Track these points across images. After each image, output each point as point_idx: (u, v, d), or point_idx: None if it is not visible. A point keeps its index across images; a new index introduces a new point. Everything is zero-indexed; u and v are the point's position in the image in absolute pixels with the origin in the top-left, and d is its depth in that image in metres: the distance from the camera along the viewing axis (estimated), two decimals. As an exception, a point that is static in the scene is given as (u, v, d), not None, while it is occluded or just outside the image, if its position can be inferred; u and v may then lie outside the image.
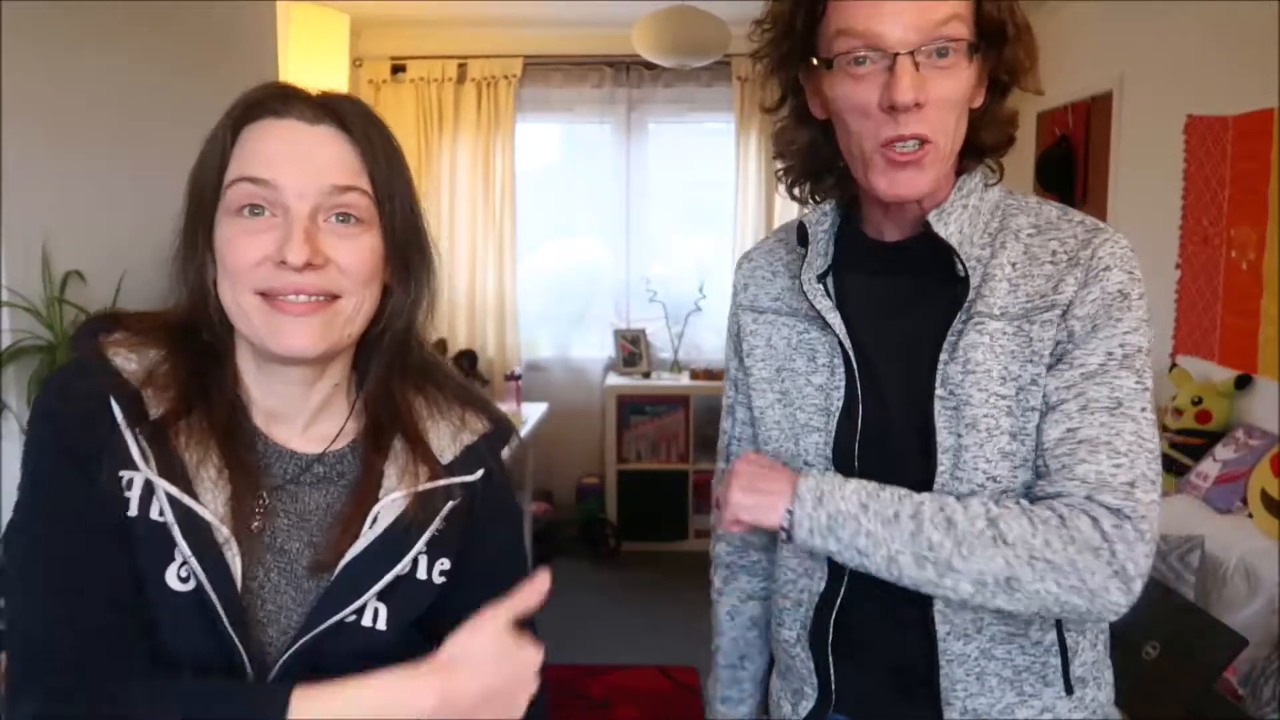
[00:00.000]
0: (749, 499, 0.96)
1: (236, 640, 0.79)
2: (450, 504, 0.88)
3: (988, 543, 0.88)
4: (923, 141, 0.90)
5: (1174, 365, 3.10)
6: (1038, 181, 3.96)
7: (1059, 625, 1.00)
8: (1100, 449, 0.90)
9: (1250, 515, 2.51)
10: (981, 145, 0.99)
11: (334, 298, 0.82)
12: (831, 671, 1.07)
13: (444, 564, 0.89)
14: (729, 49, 3.97)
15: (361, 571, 0.83)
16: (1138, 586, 0.87)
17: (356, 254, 0.82)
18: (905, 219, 1.00)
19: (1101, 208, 3.53)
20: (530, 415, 3.84)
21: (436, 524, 0.87)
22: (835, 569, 1.04)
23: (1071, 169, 3.81)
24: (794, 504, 0.93)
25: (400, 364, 0.90)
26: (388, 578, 0.84)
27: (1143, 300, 0.94)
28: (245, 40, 3.12)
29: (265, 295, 0.80)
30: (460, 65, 4.65)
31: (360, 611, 0.83)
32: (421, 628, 0.87)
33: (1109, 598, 0.87)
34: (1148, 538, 0.88)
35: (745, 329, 1.12)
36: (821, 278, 1.04)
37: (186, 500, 0.78)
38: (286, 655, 0.81)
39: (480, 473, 0.91)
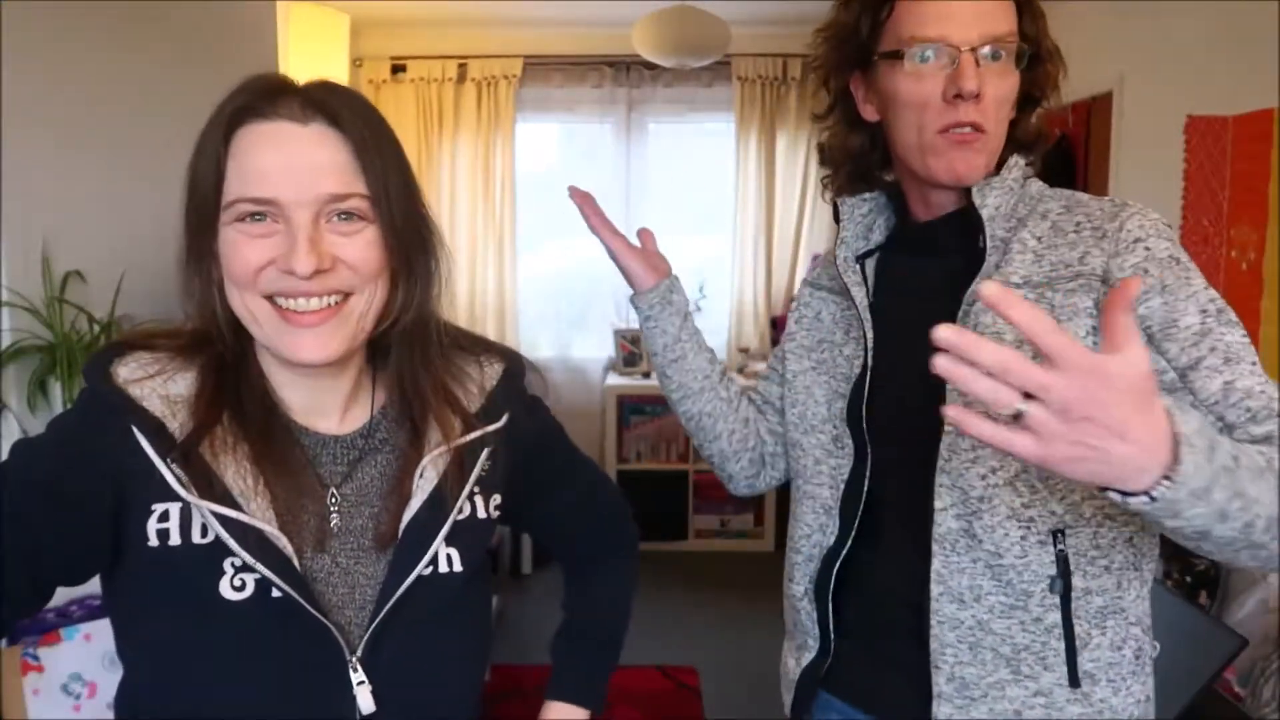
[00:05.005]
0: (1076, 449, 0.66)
1: (324, 620, 0.81)
2: (486, 449, 0.93)
3: None
4: (977, 129, 1.00)
5: (1174, 365, 3.09)
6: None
7: (1065, 606, 0.98)
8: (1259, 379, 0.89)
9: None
10: (1021, 142, 1.09)
11: (346, 296, 0.83)
12: (831, 623, 1.10)
13: (496, 499, 0.95)
14: (729, 49, 3.97)
15: (423, 526, 0.87)
16: None
17: (362, 249, 0.82)
18: (942, 205, 1.08)
19: (1101, 208, 3.52)
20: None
21: (480, 468, 0.92)
22: (846, 523, 1.08)
23: (1072, 169, 3.81)
24: (1184, 453, 0.68)
25: (422, 353, 0.91)
26: (447, 525, 0.88)
27: (1196, 268, 0.95)
28: (245, 40, 3.12)
29: (273, 301, 0.81)
30: (460, 65, 4.64)
31: (435, 561, 0.88)
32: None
33: None
34: None
35: (801, 300, 1.24)
36: (861, 258, 1.13)
37: (233, 514, 0.79)
38: (374, 624, 0.84)
39: (505, 418, 0.95)
